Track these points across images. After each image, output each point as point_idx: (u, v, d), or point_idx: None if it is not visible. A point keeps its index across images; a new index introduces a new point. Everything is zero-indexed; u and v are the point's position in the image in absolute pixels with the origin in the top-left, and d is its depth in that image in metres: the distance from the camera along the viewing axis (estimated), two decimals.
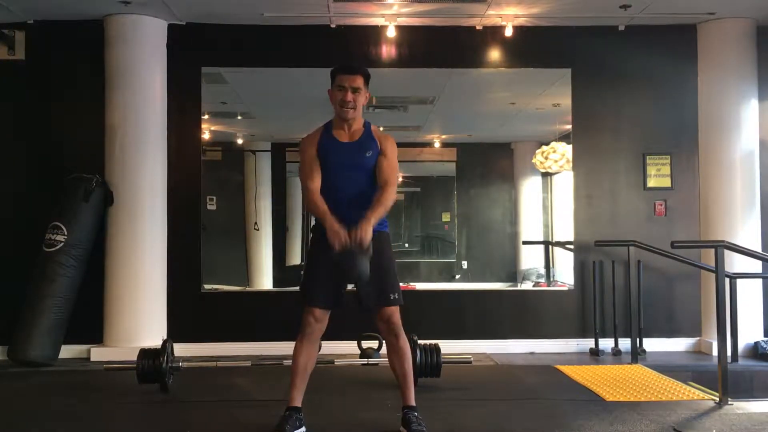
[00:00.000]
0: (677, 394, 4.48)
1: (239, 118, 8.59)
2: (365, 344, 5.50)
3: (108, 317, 6.21)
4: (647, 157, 6.63)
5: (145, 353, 4.43)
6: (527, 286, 8.19)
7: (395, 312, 3.53)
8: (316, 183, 3.54)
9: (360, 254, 3.28)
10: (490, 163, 9.06)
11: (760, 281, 6.35)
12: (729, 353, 5.01)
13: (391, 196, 3.51)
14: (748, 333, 6.22)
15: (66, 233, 5.98)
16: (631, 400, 4.31)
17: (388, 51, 6.59)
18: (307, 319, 3.50)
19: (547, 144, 7.74)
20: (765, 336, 6.36)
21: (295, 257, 8.79)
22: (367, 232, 3.31)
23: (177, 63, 6.47)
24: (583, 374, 5.09)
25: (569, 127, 6.79)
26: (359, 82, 3.57)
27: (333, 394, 4.48)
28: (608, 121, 6.68)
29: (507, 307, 6.72)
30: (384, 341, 3.57)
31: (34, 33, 6.42)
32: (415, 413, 3.52)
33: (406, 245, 9.16)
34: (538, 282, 8.17)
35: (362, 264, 3.29)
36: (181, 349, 5.23)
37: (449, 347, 5.01)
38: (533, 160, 8.00)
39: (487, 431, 3.73)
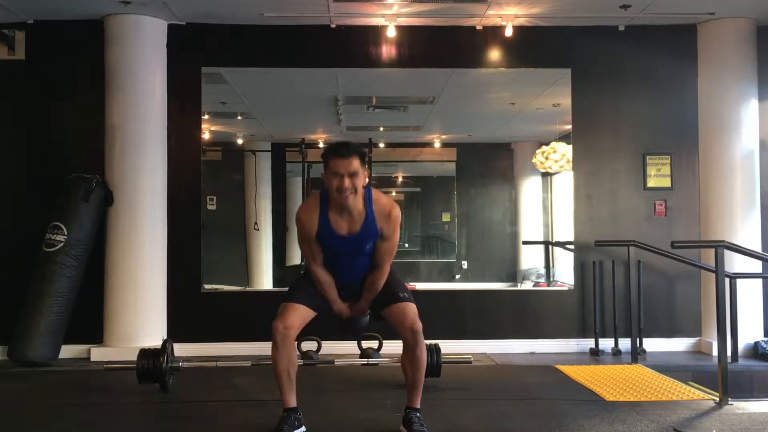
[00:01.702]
0: (677, 394, 4.48)
1: (239, 118, 8.59)
2: (365, 344, 5.49)
3: (108, 317, 6.21)
4: (647, 157, 6.63)
5: (145, 353, 4.42)
6: (527, 286, 8.19)
7: (416, 320, 3.48)
8: (319, 261, 3.59)
9: (357, 321, 3.77)
10: (490, 163, 9.07)
11: (760, 281, 6.35)
12: (729, 353, 5.01)
13: (382, 281, 3.60)
14: (748, 333, 6.22)
15: (66, 233, 5.98)
16: (631, 400, 4.31)
17: (388, 51, 6.59)
18: (275, 326, 3.43)
19: (547, 144, 7.74)
20: (765, 336, 6.36)
21: (295, 257, 8.79)
22: (363, 309, 3.68)
23: (177, 63, 6.47)
24: (583, 374, 5.09)
25: (569, 127, 6.79)
26: (355, 165, 3.35)
27: (333, 394, 4.48)
28: (608, 121, 6.68)
29: (507, 307, 6.72)
30: (402, 346, 3.54)
31: (34, 33, 6.42)
32: (418, 414, 3.52)
33: (406, 245, 9.16)
34: (538, 282, 8.17)
35: (362, 323, 3.78)
36: (181, 349, 5.23)
37: (449, 347, 5.00)
38: (533, 160, 8.00)
39: (487, 431, 3.73)
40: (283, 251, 8.87)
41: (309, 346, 5.08)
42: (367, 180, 3.47)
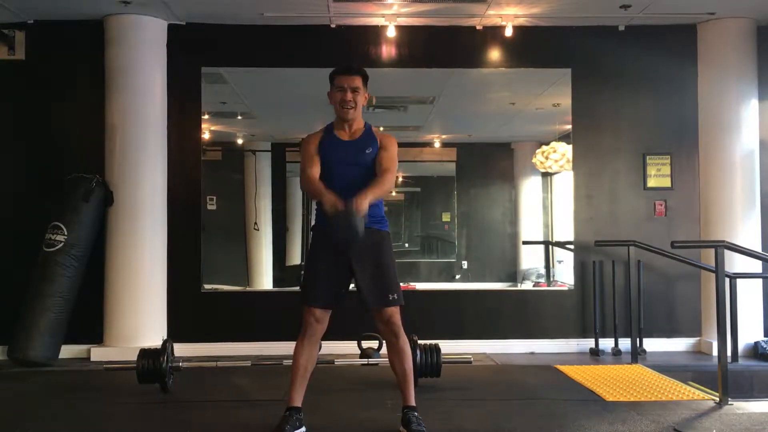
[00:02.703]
0: (677, 394, 4.48)
1: (239, 118, 8.59)
2: (365, 344, 5.50)
3: (108, 317, 6.21)
4: (647, 157, 6.63)
5: (145, 353, 4.43)
6: (527, 286, 8.19)
7: (395, 312, 3.53)
8: (316, 171, 3.59)
9: (354, 216, 3.30)
10: (490, 163, 9.06)
11: (760, 281, 6.35)
12: (729, 353, 5.01)
13: (389, 180, 3.56)
14: (748, 333, 6.22)
15: (66, 233, 5.98)
16: (631, 400, 4.31)
17: (388, 51, 6.59)
18: (307, 319, 3.51)
19: (547, 144, 7.74)
20: (765, 336, 6.36)
21: (295, 257, 8.79)
22: (363, 201, 3.34)
23: (177, 63, 6.47)
24: (583, 374, 5.09)
25: (569, 127, 6.79)
26: (358, 81, 3.63)
27: (333, 394, 4.48)
28: (608, 121, 6.68)
29: (507, 307, 6.72)
30: (384, 341, 3.57)
31: (34, 33, 6.42)
32: (415, 413, 3.52)
33: (406, 245, 9.16)
34: (538, 282, 8.17)
35: (356, 223, 3.30)
36: (181, 349, 5.24)
37: (449, 347, 5.01)
38: (533, 160, 8.00)
39: (487, 431, 3.73)
40: (283, 251, 8.86)
41: None
42: (366, 101, 3.70)
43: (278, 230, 8.87)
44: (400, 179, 9.44)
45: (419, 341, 4.52)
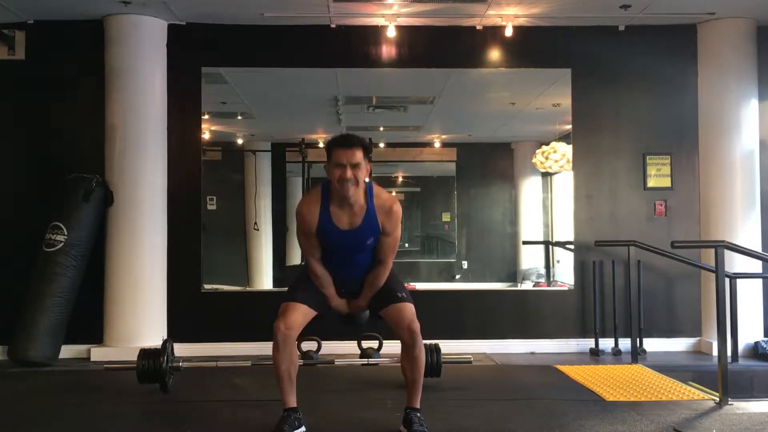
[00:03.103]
0: (677, 394, 4.48)
1: (239, 118, 8.59)
2: (365, 344, 5.49)
3: (108, 317, 6.21)
4: (647, 157, 6.63)
5: (145, 353, 4.42)
6: (527, 286, 8.19)
7: (414, 319, 3.47)
8: (317, 257, 3.57)
9: (356, 316, 3.76)
10: (490, 163, 9.07)
11: (760, 281, 6.35)
12: (729, 353, 5.00)
13: (384, 277, 3.59)
14: (748, 333, 6.22)
15: (66, 233, 5.98)
16: (631, 400, 4.31)
17: (388, 51, 6.59)
18: (276, 326, 3.42)
19: (547, 144, 7.74)
20: (765, 336, 6.36)
21: (295, 257, 8.79)
22: (362, 305, 3.66)
23: (177, 63, 6.47)
24: (583, 374, 5.09)
25: (569, 127, 6.79)
26: (358, 156, 3.35)
27: (333, 394, 4.48)
28: (608, 121, 6.68)
29: (507, 307, 6.72)
30: (400, 346, 3.54)
31: (34, 33, 6.42)
32: (418, 414, 3.52)
33: (406, 245, 9.16)
34: (538, 282, 8.17)
35: (361, 319, 3.77)
36: (181, 349, 5.23)
37: (449, 347, 5.00)
38: (533, 160, 8.00)
39: (487, 431, 3.73)
40: (283, 251, 8.86)
41: (309, 346, 5.08)
42: (369, 172, 3.47)
43: (278, 230, 8.88)
44: (400, 179, 9.45)
45: None
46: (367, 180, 3.46)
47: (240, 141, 9.00)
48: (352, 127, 8.76)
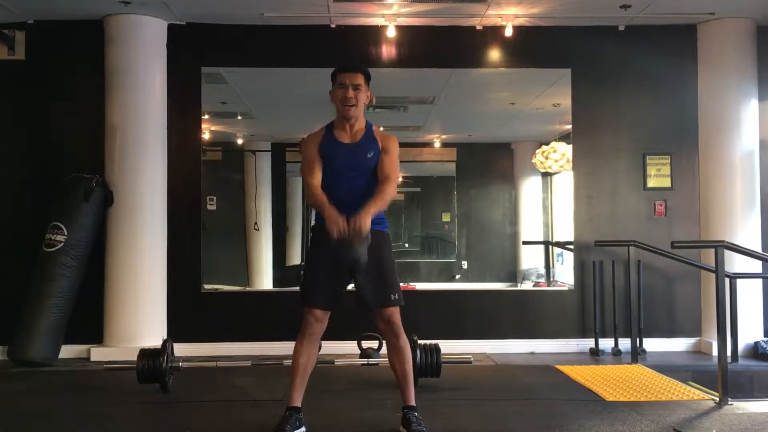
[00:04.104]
0: (677, 394, 4.48)
1: (239, 118, 8.59)
2: (365, 344, 5.50)
3: (108, 317, 6.21)
4: (647, 157, 6.63)
5: (145, 353, 4.43)
6: (527, 286, 8.19)
7: (395, 312, 3.53)
8: (317, 179, 3.58)
9: (358, 241, 3.30)
10: (490, 163, 9.07)
11: (760, 281, 6.35)
12: (729, 353, 5.01)
13: (390, 190, 3.53)
14: (748, 333, 6.22)
15: (66, 233, 5.98)
16: (631, 400, 4.31)
17: (388, 51, 6.59)
18: (307, 319, 3.50)
19: (547, 144, 7.74)
20: (765, 336, 6.36)
21: (295, 257, 8.80)
22: (365, 220, 3.32)
23: (177, 63, 6.47)
24: (583, 374, 5.09)
25: (569, 127, 6.79)
26: (360, 79, 3.60)
27: (333, 394, 4.48)
28: (608, 121, 6.68)
29: (507, 307, 6.72)
30: (384, 341, 3.57)
31: (34, 33, 6.42)
32: (416, 413, 3.52)
33: (406, 245, 9.16)
34: (538, 282, 8.17)
35: (360, 250, 3.31)
36: (181, 349, 5.23)
37: (449, 347, 5.01)
38: (533, 160, 8.00)
39: (487, 431, 3.73)
40: (283, 251, 8.87)
41: None
42: (368, 100, 3.65)
43: (278, 230, 8.88)
44: (400, 179, 9.45)
45: (419, 341, 4.52)
46: (368, 102, 3.66)
47: (240, 141, 9.00)
48: None
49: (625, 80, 6.66)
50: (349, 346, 5.57)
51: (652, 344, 6.38)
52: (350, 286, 3.61)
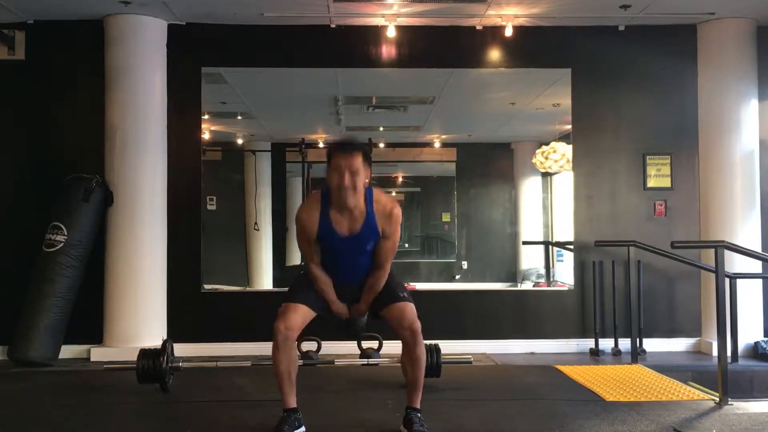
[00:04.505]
0: (677, 394, 4.48)
1: (239, 118, 8.59)
2: (365, 344, 5.49)
3: (108, 317, 6.21)
4: (647, 157, 6.63)
5: (145, 353, 4.42)
6: (527, 286, 8.20)
7: (415, 319, 3.47)
8: (317, 260, 3.57)
9: (356, 321, 3.79)
10: (490, 163, 9.08)
11: (760, 281, 6.34)
12: (729, 353, 5.01)
13: (383, 281, 3.59)
14: (748, 333, 6.22)
15: (66, 233, 5.98)
16: (631, 400, 4.31)
17: (388, 51, 6.59)
18: (276, 327, 3.42)
19: (547, 144, 7.74)
20: (765, 336, 6.36)
21: (295, 257, 8.79)
22: (363, 308, 3.66)
23: (177, 63, 6.47)
24: (583, 374, 5.09)
25: (569, 127, 6.79)
26: (358, 162, 3.32)
27: (333, 394, 4.48)
28: (608, 121, 6.68)
29: (507, 307, 6.72)
30: (401, 346, 3.54)
31: (34, 33, 6.41)
32: (418, 414, 3.52)
33: (406, 245, 9.17)
34: (538, 282, 8.17)
35: (360, 322, 3.80)
36: (181, 349, 5.23)
37: (449, 347, 5.00)
38: (533, 160, 8.00)
39: (487, 431, 3.73)
40: (283, 251, 8.87)
41: (309, 346, 5.08)
42: (369, 179, 3.44)
43: (278, 230, 8.88)
44: (400, 179, 9.46)
45: None
46: (368, 183, 3.46)
47: (240, 141, 9.00)
48: (352, 127, 8.77)
49: (625, 80, 6.65)
50: (349, 346, 5.56)
51: (652, 344, 6.37)
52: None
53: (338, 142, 3.49)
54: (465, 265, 8.95)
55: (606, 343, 6.40)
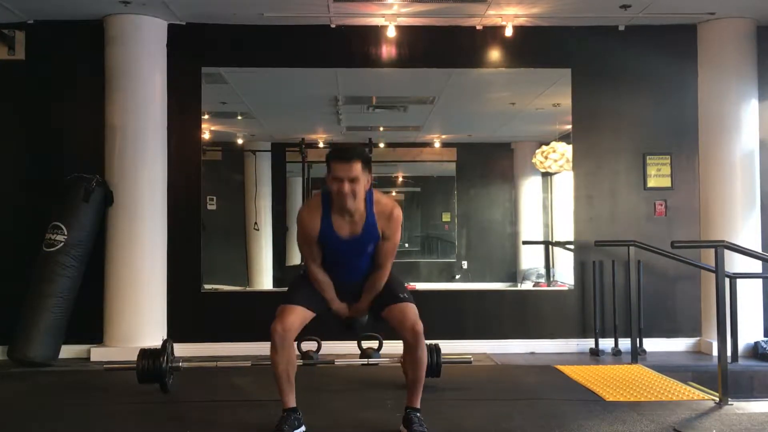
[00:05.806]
0: (677, 394, 4.48)
1: (239, 118, 8.59)
2: (365, 344, 5.49)
3: (108, 317, 6.21)
4: (647, 157, 6.63)
5: (145, 353, 4.42)
6: (527, 286, 8.19)
7: (417, 320, 3.47)
8: (318, 262, 3.59)
9: (356, 320, 3.81)
10: (490, 163, 9.07)
11: (760, 281, 6.35)
12: (729, 353, 5.01)
13: (383, 281, 3.61)
14: (748, 333, 6.22)
15: (66, 233, 5.98)
16: (631, 400, 4.31)
17: (388, 51, 6.59)
18: (273, 328, 3.42)
19: (547, 144, 7.74)
20: (765, 336, 6.36)
21: (295, 257, 8.78)
22: (363, 308, 3.68)
23: (177, 63, 6.47)
24: (583, 374, 5.09)
25: (569, 127, 6.79)
26: (356, 170, 3.32)
27: (333, 394, 4.48)
28: (608, 121, 6.68)
29: (507, 307, 6.72)
30: (402, 347, 3.55)
31: (34, 33, 6.42)
32: (418, 414, 3.52)
33: (406, 245, 9.16)
34: (538, 282, 8.17)
35: (360, 320, 3.80)
36: (181, 349, 5.23)
37: (449, 347, 5.00)
38: (533, 160, 8.00)
39: (487, 431, 3.73)
40: (283, 251, 8.86)
41: (309, 346, 5.07)
42: (369, 185, 3.44)
43: (278, 230, 8.88)
44: (400, 179, 9.45)
45: None
46: (368, 189, 3.46)
47: (240, 141, 9.00)
48: (352, 127, 8.77)
49: (625, 80, 6.66)
50: (349, 346, 5.55)
51: (652, 344, 6.38)
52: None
53: (338, 148, 3.48)
54: (465, 265, 8.94)
55: (606, 343, 6.40)
